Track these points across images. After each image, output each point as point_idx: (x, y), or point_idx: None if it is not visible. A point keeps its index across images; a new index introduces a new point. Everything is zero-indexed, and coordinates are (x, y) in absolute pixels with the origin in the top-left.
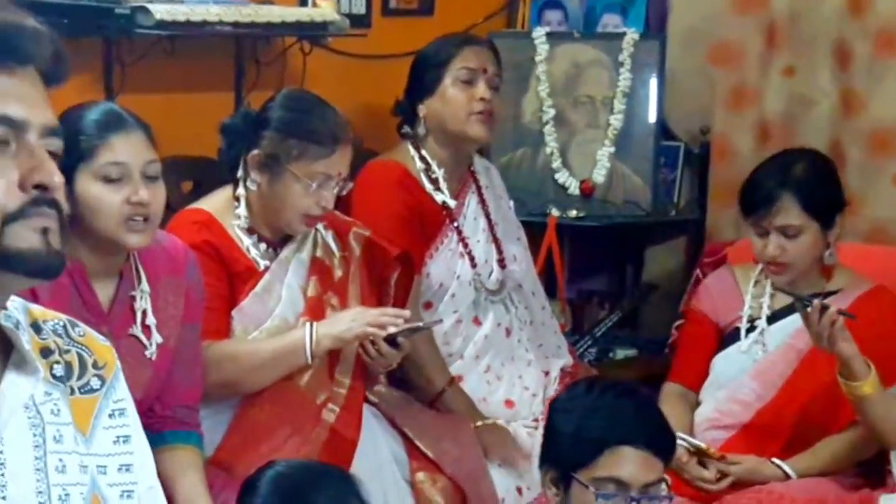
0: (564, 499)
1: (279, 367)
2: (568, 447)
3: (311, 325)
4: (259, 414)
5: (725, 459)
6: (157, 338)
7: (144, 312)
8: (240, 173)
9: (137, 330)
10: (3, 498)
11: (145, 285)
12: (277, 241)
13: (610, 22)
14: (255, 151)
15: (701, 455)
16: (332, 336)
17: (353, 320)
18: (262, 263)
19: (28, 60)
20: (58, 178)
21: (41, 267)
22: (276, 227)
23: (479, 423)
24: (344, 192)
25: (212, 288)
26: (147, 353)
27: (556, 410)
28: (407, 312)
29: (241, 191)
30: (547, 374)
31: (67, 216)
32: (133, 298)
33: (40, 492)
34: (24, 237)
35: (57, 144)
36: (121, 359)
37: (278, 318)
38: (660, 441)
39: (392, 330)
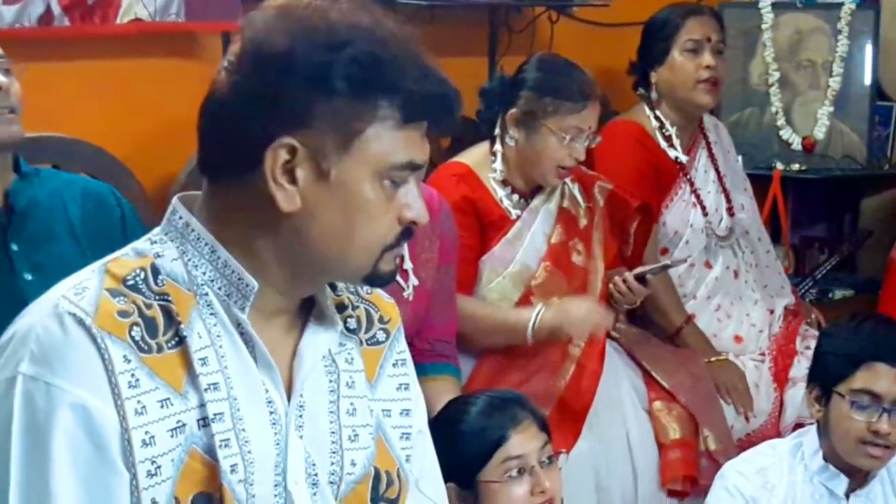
0: (825, 414)
1: (505, 337)
2: (831, 364)
3: (540, 310)
4: (509, 348)
5: None
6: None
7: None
8: (497, 131)
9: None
10: (301, 437)
11: None
12: (529, 192)
13: None
14: (513, 110)
15: None
16: (552, 326)
17: (581, 320)
18: (514, 213)
19: (455, 114)
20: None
21: (387, 283)
22: (529, 179)
23: (711, 359)
24: (593, 146)
25: (464, 240)
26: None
27: (824, 335)
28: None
29: (498, 147)
30: (772, 312)
31: None
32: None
33: (333, 432)
34: (389, 263)
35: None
36: None
37: (520, 263)
38: None
39: (638, 270)
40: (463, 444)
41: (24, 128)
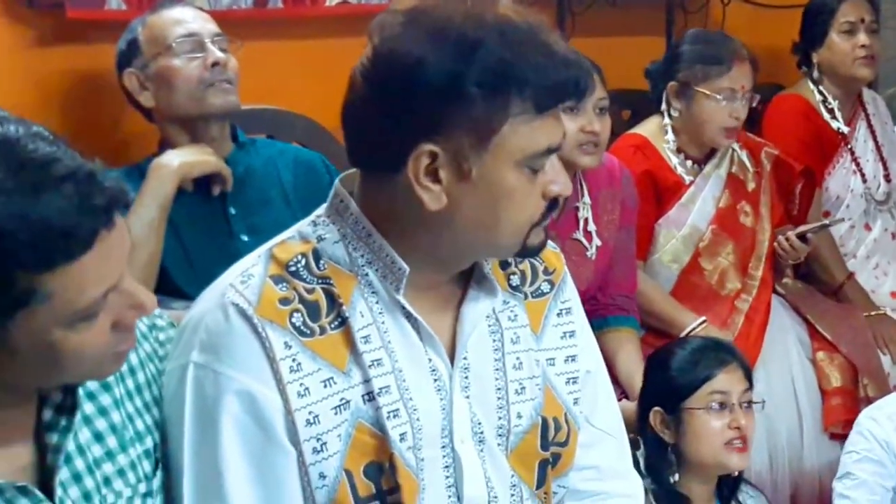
0: None
1: (659, 323)
2: None
3: (700, 324)
4: (684, 301)
5: None
6: (596, 241)
7: (586, 220)
8: (664, 105)
9: (580, 234)
10: (467, 397)
11: (587, 198)
12: (702, 158)
13: None
14: (672, 83)
15: None
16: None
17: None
18: (688, 178)
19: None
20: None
21: (537, 253)
22: (701, 145)
23: (870, 313)
24: (754, 105)
25: (641, 207)
26: (588, 253)
27: None
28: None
29: (666, 120)
30: None
31: None
32: (577, 209)
33: (499, 388)
34: (539, 235)
35: (591, 129)
36: (566, 257)
37: (691, 226)
38: None
39: (801, 229)
40: (675, 376)
41: (241, 101)
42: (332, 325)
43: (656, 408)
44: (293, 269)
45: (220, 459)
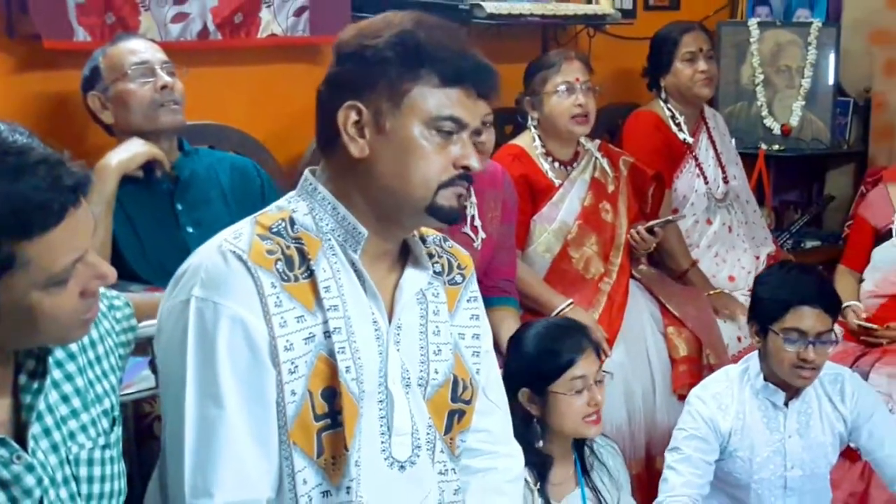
0: (764, 345)
1: (535, 304)
2: (766, 307)
3: (566, 306)
4: (554, 288)
5: (888, 326)
6: (482, 234)
7: (473, 217)
8: (528, 120)
9: (468, 229)
10: (398, 350)
11: (474, 198)
12: (568, 161)
13: (801, 14)
14: (527, 98)
15: (870, 331)
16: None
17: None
18: (557, 182)
19: (481, 90)
20: (478, 165)
21: (452, 219)
22: (563, 143)
23: (711, 293)
24: (594, 96)
25: (519, 205)
26: (475, 244)
27: (758, 283)
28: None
29: (533, 130)
30: (757, 258)
31: None
32: (464, 207)
33: (422, 347)
34: (449, 199)
35: (479, 142)
36: None
37: (560, 221)
38: (829, 303)
39: (651, 223)
40: (540, 362)
41: (186, 117)
42: (303, 275)
43: (524, 389)
44: (275, 230)
45: (217, 372)
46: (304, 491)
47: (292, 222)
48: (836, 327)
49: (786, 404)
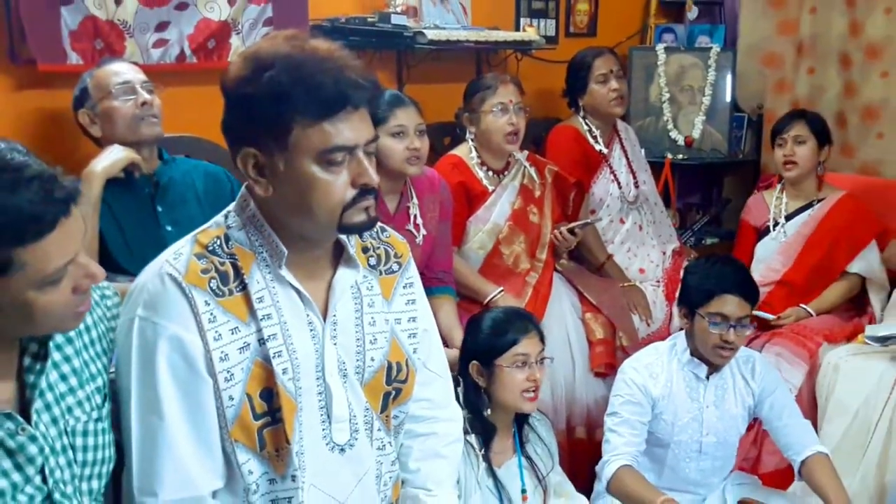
0: (691, 326)
1: (469, 292)
2: (693, 293)
3: (496, 294)
4: (490, 277)
5: (779, 316)
6: (423, 231)
7: (415, 216)
8: (468, 134)
9: (411, 227)
10: (335, 344)
11: (415, 200)
12: (500, 170)
13: (702, 40)
14: (465, 115)
15: (765, 319)
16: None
17: None
18: (490, 188)
19: (357, 105)
20: (375, 178)
21: (366, 229)
22: (496, 155)
23: (624, 284)
24: (524, 115)
25: (455, 208)
26: (417, 241)
27: (688, 272)
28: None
29: (470, 143)
30: (664, 253)
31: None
32: (408, 208)
33: (358, 338)
34: (357, 216)
35: (373, 150)
36: None
37: (492, 223)
38: (749, 292)
39: (571, 225)
40: (490, 340)
41: (165, 130)
42: (237, 289)
43: (474, 361)
44: (211, 248)
45: (157, 386)
46: (251, 480)
47: (227, 239)
48: None
49: (707, 378)
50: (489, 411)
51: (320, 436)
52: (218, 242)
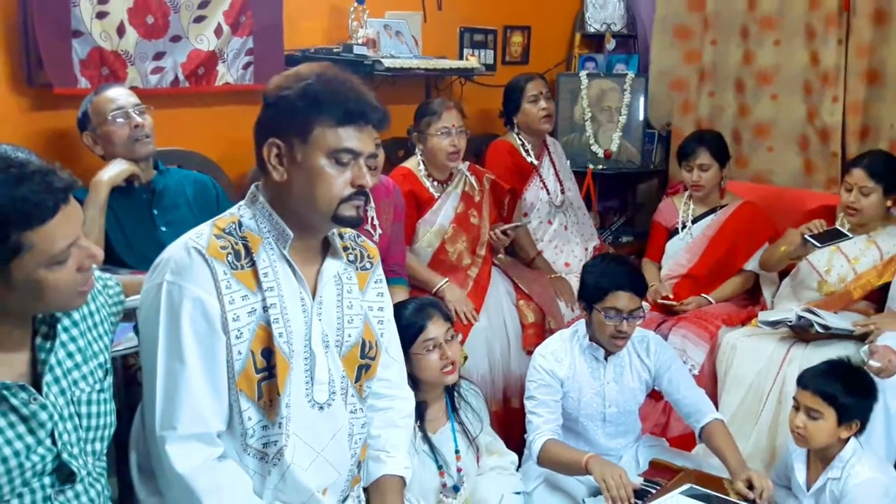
0: (589, 317)
1: (420, 283)
2: (591, 291)
3: (443, 283)
4: (437, 270)
5: (682, 302)
6: (379, 231)
7: (373, 218)
8: (417, 149)
9: (369, 227)
10: (320, 320)
11: (373, 204)
12: (444, 180)
13: (619, 68)
14: (415, 133)
15: (669, 305)
16: (443, 295)
17: (458, 300)
18: (437, 195)
19: (369, 122)
20: (370, 182)
21: (354, 224)
22: (440, 169)
23: (552, 276)
24: (465, 137)
25: (407, 210)
26: (374, 238)
27: (585, 271)
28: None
29: (419, 157)
30: (586, 249)
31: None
32: (367, 211)
33: (338, 318)
34: (349, 211)
35: (373, 161)
36: None
37: (438, 224)
38: (638, 287)
39: (505, 227)
40: (403, 331)
41: (160, 144)
42: (247, 265)
43: None
44: (227, 230)
45: (181, 338)
46: (249, 425)
47: (240, 224)
48: (644, 303)
49: (605, 359)
50: (416, 392)
51: (304, 394)
52: (233, 226)
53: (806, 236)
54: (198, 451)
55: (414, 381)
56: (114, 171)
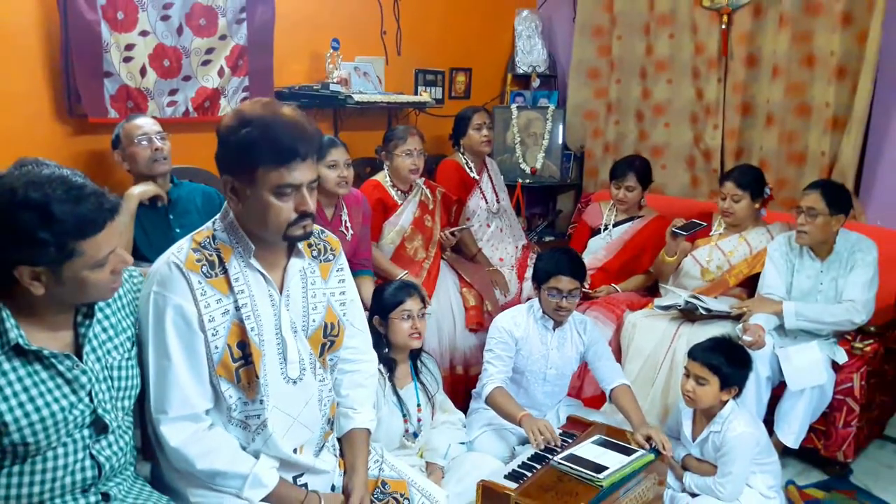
0: (539, 294)
1: (383, 273)
2: (540, 274)
3: (405, 273)
4: (396, 265)
5: (596, 290)
6: (351, 231)
7: (346, 221)
8: (385, 166)
9: (343, 228)
10: (288, 310)
11: (345, 210)
12: (406, 190)
13: (542, 101)
14: (383, 152)
15: (586, 293)
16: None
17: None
18: (400, 202)
19: (305, 158)
20: (312, 207)
21: (303, 240)
22: (401, 181)
23: (489, 268)
24: (424, 157)
25: (374, 214)
26: (347, 238)
27: (537, 259)
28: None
29: (386, 171)
30: (517, 247)
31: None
32: (341, 216)
33: (304, 306)
34: (297, 231)
35: (314, 185)
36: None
37: (400, 226)
38: (577, 272)
39: (452, 229)
40: (386, 301)
41: (175, 162)
42: (220, 273)
43: (376, 316)
44: (203, 244)
45: (166, 339)
46: (231, 402)
47: (214, 238)
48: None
49: (553, 329)
50: (387, 350)
51: (279, 372)
52: (208, 240)
53: (673, 230)
54: (187, 427)
55: (388, 343)
56: (143, 189)
